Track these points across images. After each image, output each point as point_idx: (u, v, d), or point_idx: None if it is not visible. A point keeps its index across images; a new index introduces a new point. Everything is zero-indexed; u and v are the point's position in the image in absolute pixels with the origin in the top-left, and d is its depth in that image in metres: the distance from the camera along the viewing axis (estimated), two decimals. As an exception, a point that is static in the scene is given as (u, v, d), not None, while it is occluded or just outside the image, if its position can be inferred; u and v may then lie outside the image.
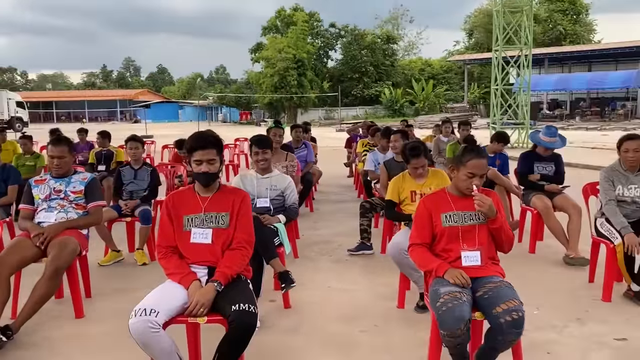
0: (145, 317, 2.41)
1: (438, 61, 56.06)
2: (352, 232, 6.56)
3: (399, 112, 44.98)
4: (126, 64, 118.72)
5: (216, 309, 2.61)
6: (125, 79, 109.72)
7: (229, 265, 2.72)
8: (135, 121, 57.77)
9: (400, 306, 3.98)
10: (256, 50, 50.55)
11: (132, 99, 65.77)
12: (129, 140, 5.68)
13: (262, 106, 48.87)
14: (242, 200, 2.88)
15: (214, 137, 2.85)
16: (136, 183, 5.61)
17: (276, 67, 43.72)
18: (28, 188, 4.06)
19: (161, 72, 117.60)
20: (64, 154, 4.02)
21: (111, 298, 4.32)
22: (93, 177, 4.16)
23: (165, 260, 2.82)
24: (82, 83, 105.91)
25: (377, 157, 6.94)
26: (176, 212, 2.86)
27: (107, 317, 3.89)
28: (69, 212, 3.99)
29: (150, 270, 5.12)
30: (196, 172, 2.82)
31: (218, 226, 2.83)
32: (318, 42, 52.02)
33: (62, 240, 3.72)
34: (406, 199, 4.23)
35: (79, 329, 3.68)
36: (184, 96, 77.36)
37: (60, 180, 4.05)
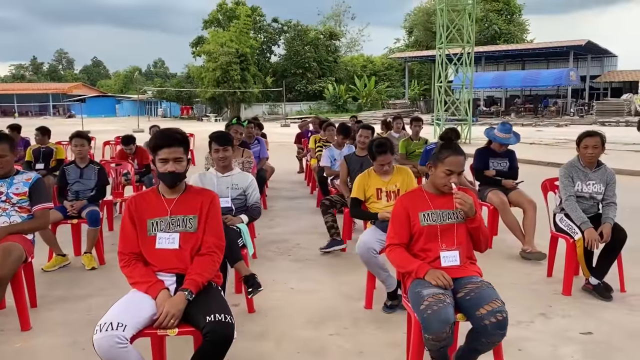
0: (112, 331, 2.20)
1: (379, 58, 56.89)
2: (309, 229, 6.48)
3: (342, 108, 45.31)
4: (58, 56, 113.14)
5: (187, 319, 2.43)
6: (58, 72, 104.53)
7: (200, 272, 2.55)
8: (69, 116, 55.28)
9: (368, 306, 3.92)
10: (197, 44, 49.45)
11: (66, 93, 62.77)
12: (74, 136, 5.31)
13: (204, 101, 47.86)
14: (211, 202, 2.71)
15: (181, 135, 2.66)
16: (82, 182, 5.27)
17: (218, 62, 42.89)
18: (-37, 190, 3.69)
19: (96, 65, 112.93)
20: (5, 152, 3.67)
21: (59, 307, 4.01)
22: (38, 177, 3.83)
23: (128, 268, 2.60)
24: (9, 75, 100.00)
25: (333, 153, 6.88)
26: (139, 215, 2.64)
27: (56, 329, 3.61)
28: (12, 215, 3.66)
29: (99, 274, 4.83)
30: (162, 171, 2.62)
31: (186, 230, 2.64)
32: (261, 37, 51.52)
33: (5, 246, 3.40)
34: (372, 197, 4.17)
35: (27, 343, 3.38)
36: (121, 90, 74.65)
37: (1, 181, 3.71)
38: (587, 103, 37.27)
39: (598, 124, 28.88)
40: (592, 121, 30.41)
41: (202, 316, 2.32)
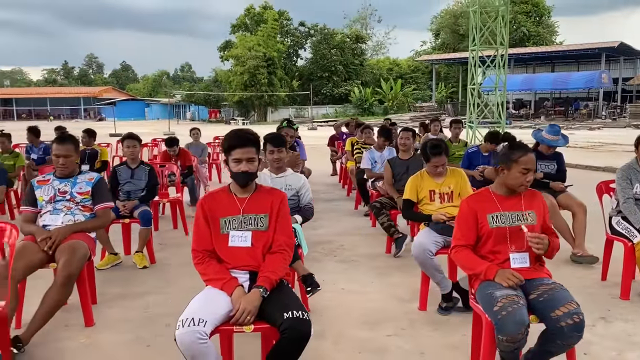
0: (194, 327, 2.25)
1: (406, 61, 56.67)
2: (351, 231, 6.50)
3: (368, 111, 45.25)
4: (88, 60, 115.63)
5: (262, 316, 2.47)
6: (88, 76, 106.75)
7: (272, 269, 2.59)
8: (100, 119, 56.32)
9: (423, 308, 3.91)
10: (225, 48, 49.99)
11: (96, 97, 64.10)
12: (127, 138, 5.44)
13: (231, 104, 48.32)
14: (280, 201, 2.75)
15: (253, 135, 2.71)
16: (133, 183, 5.38)
17: (246, 65, 43.30)
18: (30, 189, 3.82)
19: (125, 69, 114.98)
20: (70, 152, 3.79)
21: (118, 304, 4.10)
22: (100, 177, 3.94)
23: (203, 265, 2.65)
24: (42, 80, 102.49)
25: (374, 156, 6.89)
26: (212, 213, 2.70)
27: (118, 325, 3.69)
28: (76, 214, 3.76)
29: (151, 273, 4.92)
30: (235, 171, 2.67)
31: (257, 228, 2.69)
32: (288, 40, 51.82)
33: (72, 244, 3.50)
34: (424, 198, 4.16)
35: (91, 339, 3.47)
36: (150, 94, 75.80)
37: (65, 180, 3.82)
38: (620, 106, 36.50)
39: (632, 126, 28.25)
40: (626, 124, 29.76)
41: (279, 313, 2.36)
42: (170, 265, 5.20)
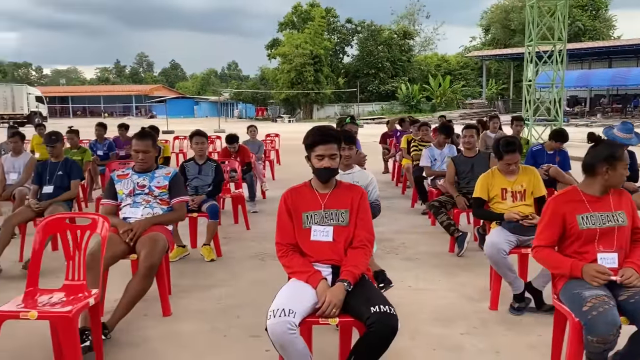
0: (285, 317, 2.31)
1: (454, 57, 55.76)
2: (409, 229, 6.48)
3: (415, 108, 44.78)
4: (139, 59, 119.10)
5: (346, 309, 2.51)
6: (139, 75, 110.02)
7: (355, 264, 2.62)
8: (151, 116, 57.93)
9: (494, 308, 3.86)
10: (272, 46, 50.47)
11: (147, 95, 66.00)
12: (195, 135, 5.60)
13: (278, 102, 48.79)
14: (361, 197, 2.78)
15: (336, 132, 2.75)
16: (201, 178, 5.54)
17: (293, 63, 43.61)
18: (111, 183, 3.99)
19: (174, 67, 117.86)
20: (149, 148, 3.94)
21: (191, 295, 4.24)
22: (176, 172, 4.07)
23: (287, 258, 2.71)
24: (95, 78, 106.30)
25: (434, 153, 6.83)
26: (295, 208, 2.76)
27: (193, 315, 3.81)
28: (154, 207, 3.91)
29: (219, 266, 5.05)
30: (318, 167, 2.72)
31: (338, 223, 2.73)
32: (334, 37, 51.85)
33: (152, 236, 3.64)
34: (496, 197, 4.10)
35: (171, 328, 3.60)
36: (199, 92, 77.40)
37: (143, 175, 3.97)
38: (683, 102, 34.77)
39: (698, 125, 26.85)
40: (691, 122, 28.30)
41: (365, 307, 2.39)
42: (235, 258, 5.33)
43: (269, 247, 5.67)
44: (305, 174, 2.93)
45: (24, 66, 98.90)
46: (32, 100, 39.79)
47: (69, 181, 5.46)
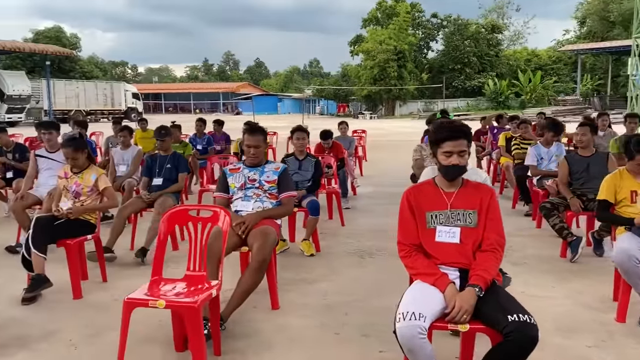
0: (415, 321, 2.23)
1: (545, 51, 53.01)
2: (514, 232, 6.16)
3: (503, 105, 43.05)
4: (226, 57, 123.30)
5: (477, 316, 2.38)
6: (225, 72, 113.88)
7: (485, 268, 2.48)
8: (237, 113, 59.73)
9: (621, 320, 3.56)
10: (355, 42, 50.40)
11: (234, 92, 68.14)
12: (296, 130, 5.64)
13: (359, 98, 48.70)
14: (490, 197, 2.63)
15: (466, 127, 2.62)
16: (301, 174, 5.57)
17: (376, 59, 43.32)
18: (223, 176, 4.08)
19: (258, 65, 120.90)
20: (260, 143, 3.99)
21: (295, 289, 4.26)
22: (285, 167, 4.10)
23: (410, 259, 2.62)
24: (185, 76, 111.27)
25: (540, 151, 6.45)
26: (418, 206, 2.66)
27: (300, 310, 3.82)
28: (264, 201, 3.95)
29: (318, 261, 5.05)
30: (445, 164, 2.60)
31: (466, 225, 2.60)
32: (419, 33, 50.94)
33: (263, 230, 3.67)
34: (624, 200, 3.78)
35: (280, 321, 3.62)
36: (282, 89, 78.89)
37: (254, 169, 4.03)
38: None
39: None
40: None
41: (502, 315, 2.25)
42: (333, 254, 5.31)
43: (366, 245, 5.61)
44: (391, 170, 2.85)
45: (121, 65, 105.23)
46: (129, 97, 42.31)
47: (176, 174, 5.68)
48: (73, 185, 4.36)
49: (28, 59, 44.89)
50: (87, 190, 4.36)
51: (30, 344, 3.30)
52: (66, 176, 4.43)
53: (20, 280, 4.18)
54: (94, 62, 61.72)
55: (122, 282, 4.45)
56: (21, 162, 7.23)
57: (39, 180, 5.87)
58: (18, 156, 7.24)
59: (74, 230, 4.16)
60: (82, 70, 52.75)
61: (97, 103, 40.16)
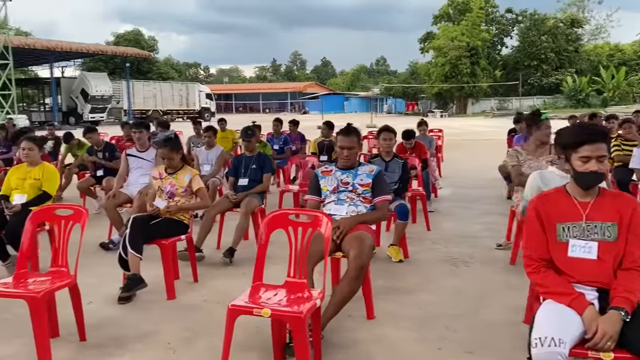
0: (555, 348, 1.99)
1: (630, 45, 49.80)
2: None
3: (583, 103, 40.86)
4: (293, 57, 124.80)
5: (621, 342, 2.10)
6: (293, 72, 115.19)
7: (630, 289, 2.19)
8: (304, 112, 60.26)
9: None
10: (425, 39, 49.47)
11: (301, 91, 68.77)
12: (383, 130, 5.45)
13: (429, 96, 47.74)
14: (633, 208, 2.33)
15: (605, 129, 2.34)
16: (388, 176, 5.34)
17: (448, 56, 42.30)
18: (315, 179, 3.96)
19: (325, 65, 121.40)
20: (354, 144, 3.84)
21: (390, 298, 4.06)
22: (379, 170, 3.92)
23: (539, 275, 2.37)
24: (254, 76, 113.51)
25: (647, 154, 5.90)
26: (548, 218, 2.40)
27: (397, 321, 3.63)
28: (358, 205, 3.79)
29: (407, 268, 4.85)
30: (581, 171, 2.32)
31: (604, 239, 2.31)
32: (493, 28, 49.28)
33: (359, 235, 3.51)
34: None
35: (377, 331, 3.45)
36: (348, 88, 78.80)
37: (347, 172, 3.88)
38: None
39: None
40: None
41: None
42: (423, 260, 5.08)
43: (457, 252, 5.34)
44: (469, 170, 2.59)
45: (194, 66, 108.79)
46: (202, 97, 43.64)
47: (262, 174, 5.64)
48: (167, 185, 4.39)
49: (110, 61, 47.23)
50: (182, 190, 4.37)
51: (127, 344, 3.31)
52: (161, 177, 4.47)
53: (115, 279, 4.24)
54: (170, 63, 64.12)
55: (213, 283, 4.45)
56: (111, 160, 7.49)
57: (129, 179, 6.01)
58: (108, 155, 7.51)
59: (168, 230, 4.18)
60: (158, 72, 54.94)
61: (173, 103, 41.67)
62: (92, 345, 3.29)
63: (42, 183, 4.71)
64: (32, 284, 3.11)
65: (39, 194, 4.67)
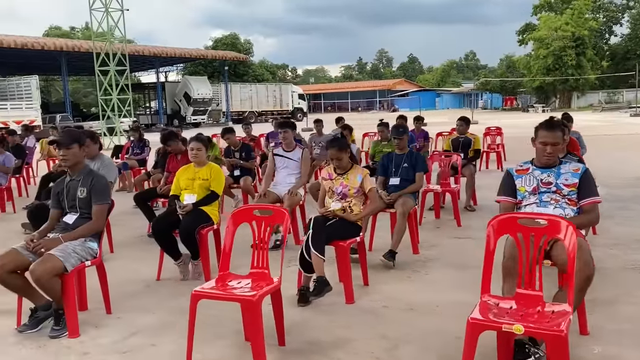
0: None
1: None
2: None
3: None
4: (379, 55, 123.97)
5: None
6: (379, 70, 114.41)
7: None
8: (393, 110, 59.50)
9: None
10: (524, 31, 47.07)
11: (390, 89, 68.03)
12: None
13: (529, 90, 45.37)
14: None
15: None
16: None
17: (551, 48, 39.91)
18: (509, 178, 3.63)
19: (412, 61, 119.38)
20: (559, 140, 3.48)
21: (597, 311, 3.65)
22: (586, 169, 3.53)
23: None
24: (340, 76, 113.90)
25: None
26: None
27: (618, 336, 3.22)
28: (565, 208, 3.42)
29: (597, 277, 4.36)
30: None
31: None
32: (600, 16, 45.94)
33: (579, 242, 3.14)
34: None
35: (607, 351, 3.07)
36: (438, 84, 76.91)
37: (547, 170, 3.52)
38: None
39: None
40: None
41: None
42: (607, 269, 4.56)
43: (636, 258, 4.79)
44: (609, 168, 2.24)
45: (282, 67, 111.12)
46: (295, 98, 44.30)
47: (414, 173, 5.39)
48: (339, 186, 4.25)
49: (209, 65, 49.15)
50: (354, 191, 4.21)
51: (326, 351, 3.17)
52: (330, 177, 4.34)
53: (289, 280, 4.14)
54: (264, 66, 65.78)
55: (383, 287, 4.26)
56: (247, 160, 7.59)
57: (277, 178, 5.98)
58: (244, 155, 7.62)
59: (344, 231, 4.04)
60: (254, 74, 56.46)
61: (267, 104, 42.66)
62: (293, 350, 3.19)
63: (210, 183, 4.74)
64: (239, 287, 3.05)
65: (207, 194, 4.71)
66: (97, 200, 3.69)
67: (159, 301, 4.11)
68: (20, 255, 3.44)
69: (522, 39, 46.58)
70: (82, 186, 3.71)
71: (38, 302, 3.51)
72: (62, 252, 3.38)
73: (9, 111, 25.12)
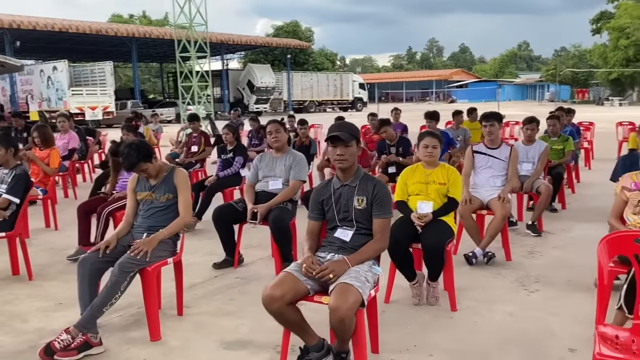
0: None
1: None
2: None
3: None
4: (430, 45, 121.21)
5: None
6: (429, 60, 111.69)
7: None
8: (451, 101, 57.66)
9: None
10: (599, 19, 44.51)
11: (447, 79, 66.03)
12: None
13: (603, 82, 42.94)
14: None
15: None
16: None
17: (631, 37, 37.48)
18: None
19: (463, 51, 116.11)
20: None
21: None
22: None
23: None
24: (389, 65, 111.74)
25: None
26: None
27: None
28: None
29: None
30: None
31: None
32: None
33: None
34: None
35: None
36: (496, 75, 74.26)
37: None
38: None
39: None
40: None
41: None
42: None
43: None
44: None
45: (331, 56, 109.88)
46: (356, 87, 43.26)
47: None
48: None
49: (269, 53, 48.44)
50: None
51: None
52: (638, 187, 3.47)
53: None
54: (324, 54, 64.79)
55: None
56: (404, 156, 6.83)
57: (476, 179, 5.15)
58: (402, 149, 6.87)
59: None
60: (314, 62, 55.52)
61: (328, 93, 41.80)
62: None
63: (447, 188, 3.95)
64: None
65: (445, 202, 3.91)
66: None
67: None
68: (299, 283, 2.70)
69: (596, 28, 44.03)
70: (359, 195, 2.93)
71: (311, 340, 2.77)
72: (357, 280, 2.64)
73: (85, 97, 25.12)
